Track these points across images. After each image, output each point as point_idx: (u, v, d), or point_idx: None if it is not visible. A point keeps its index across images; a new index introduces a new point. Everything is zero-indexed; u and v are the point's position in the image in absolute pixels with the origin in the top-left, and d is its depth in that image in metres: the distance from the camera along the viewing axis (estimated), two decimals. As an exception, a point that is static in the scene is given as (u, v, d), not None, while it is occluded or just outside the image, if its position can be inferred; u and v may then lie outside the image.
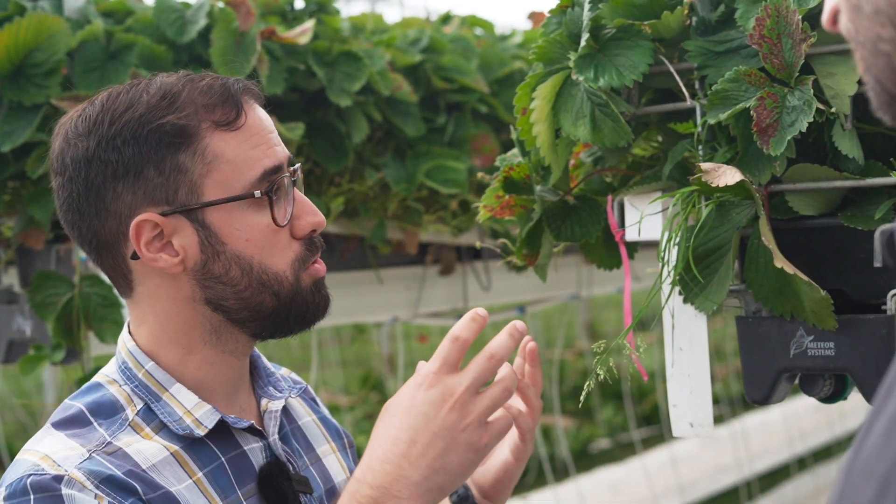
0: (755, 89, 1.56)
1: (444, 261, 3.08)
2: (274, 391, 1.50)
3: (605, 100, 1.66)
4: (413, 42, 2.80)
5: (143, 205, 1.33)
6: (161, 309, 1.38)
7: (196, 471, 1.34)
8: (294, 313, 1.39)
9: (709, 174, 1.55)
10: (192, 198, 1.33)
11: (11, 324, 2.37)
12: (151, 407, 1.36)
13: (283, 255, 1.37)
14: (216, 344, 1.39)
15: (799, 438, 6.58)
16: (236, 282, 1.35)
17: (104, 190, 1.33)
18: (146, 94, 1.34)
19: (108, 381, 1.39)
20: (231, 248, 1.34)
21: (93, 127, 1.34)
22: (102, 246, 1.37)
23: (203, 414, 1.37)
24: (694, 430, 1.70)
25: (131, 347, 1.40)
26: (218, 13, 2.36)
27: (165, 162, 1.32)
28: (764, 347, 1.65)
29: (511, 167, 1.81)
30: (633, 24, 1.67)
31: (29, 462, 1.28)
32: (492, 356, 1.24)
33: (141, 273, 1.37)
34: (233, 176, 1.34)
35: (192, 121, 1.33)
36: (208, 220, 1.34)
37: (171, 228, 1.33)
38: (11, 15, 2.25)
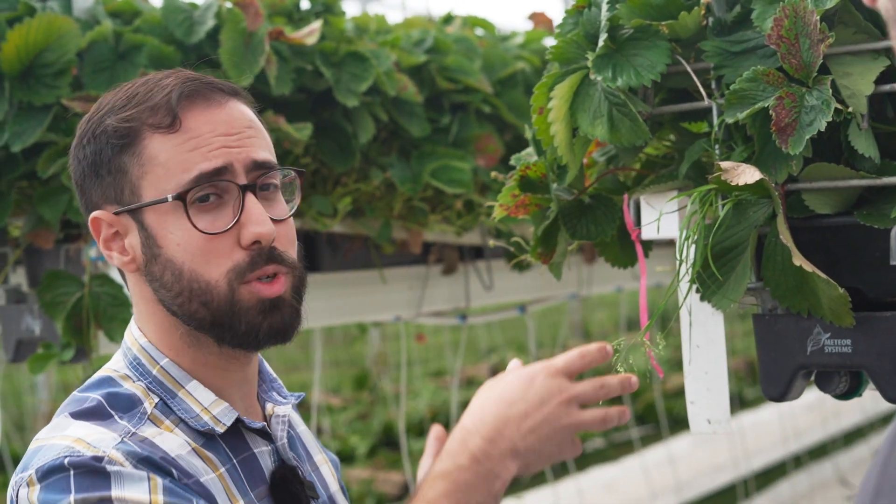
0: (773, 89, 1.58)
1: (446, 260, 3.09)
2: (277, 396, 1.49)
3: (623, 99, 1.67)
4: (417, 43, 2.81)
5: (101, 203, 1.36)
6: (143, 308, 1.39)
7: (218, 466, 1.34)
8: (228, 327, 1.33)
9: (728, 173, 1.56)
10: (133, 198, 1.34)
11: (20, 323, 2.37)
12: (168, 403, 1.35)
13: (219, 264, 1.32)
14: (199, 347, 1.37)
15: (794, 437, 6.61)
16: (170, 287, 1.33)
17: (82, 186, 1.38)
18: (120, 94, 1.37)
19: (120, 377, 1.36)
20: (165, 252, 1.33)
21: (80, 124, 1.40)
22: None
23: (220, 412, 1.36)
24: (711, 427, 1.71)
25: (144, 343, 1.38)
26: (226, 14, 2.36)
27: (112, 162, 1.34)
28: (781, 345, 1.66)
29: (527, 166, 1.82)
30: (650, 24, 1.68)
31: (60, 445, 1.26)
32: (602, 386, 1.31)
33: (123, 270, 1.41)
34: (164, 178, 1.32)
35: (135, 122, 1.33)
36: (147, 221, 1.34)
37: (124, 228, 1.36)
38: (21, 15, 2.25)
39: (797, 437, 6.70)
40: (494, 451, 1.24)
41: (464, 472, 1.23)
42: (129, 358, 1.39)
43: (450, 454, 1.25)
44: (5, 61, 2.18)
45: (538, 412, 1.26)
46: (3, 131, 2.20)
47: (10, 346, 2.40)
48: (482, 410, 1.27)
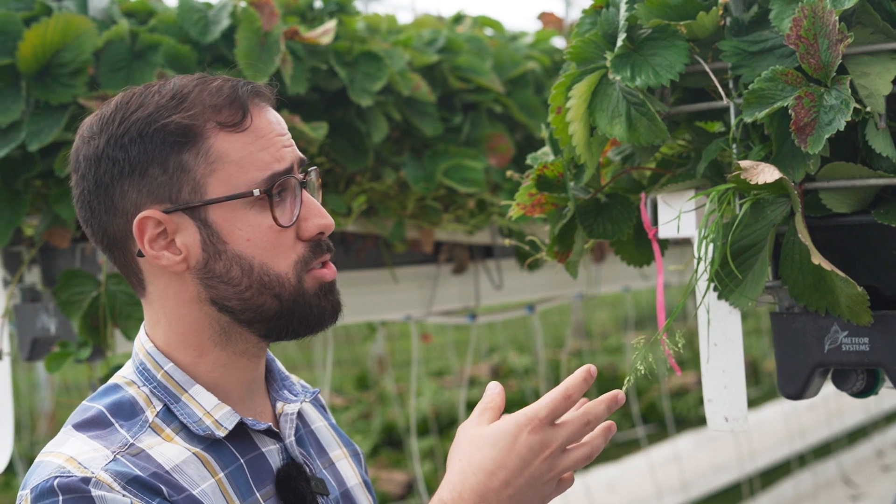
0: (792, 89, 1.59)
1: (456, 259, 3.10)
2: (288, 395, 1.51)
3: (642, 99, 1.68)
4: (429, 42, 2.82)
5: (147, 203, 1.35)
6: (170, 309, 1.39)
7: (218, 471, 1.35)
8: (298, 317, 1.39)
9: (747, 172, 1.57)
10: (194, 196, 1.35)
11: (35, 322, 2.38)
12: (171, 408, 1.37)
13: (286, 257, 1.37)
14: (226, 345, 1.40)
15: (799, 435, 6.62)
16: (237, 282, 1.36)
17: (112, 188, 1.35)
18: (158, 95, 1.37)
19: (126, 383, 1.39)
20: (232, 248, 1.35)
21: (104, 125, 1.36)
22: (113, 244, 1.39)
23: (223, 415, 1.38)
24: (729, 424, 1.72)
25: (149, 349, 1.40)
26: (241, 13, 2.37)
27: (169, 160, 1.34)
28: (798, 343, 1.67)
29: (545, 165, 1.83)
30: (668, 24, 1.69)
31: (53, 464, 1.29)
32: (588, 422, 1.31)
33: (150, 272, 1.39)
34: (237, 176, 1.35)
35: (198, 121, 1.35)
36: (210, 218, 1.35)
37: (174, 226, 1.35)
38: (38, 15, 2.26)
39: (802, 435, 6.72)
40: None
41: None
42: (137, 363, 1.41)
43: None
44: (22, 61, 2.19)
45: (520, 477, 1.28)
46: (20, 130, 2.21)
47: (25, 344, 2.41)
48: (462, 483, 1.28)
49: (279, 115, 1.42)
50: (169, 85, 1.38)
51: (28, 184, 2.29)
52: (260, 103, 1.39)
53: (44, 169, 2.27)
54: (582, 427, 1.30)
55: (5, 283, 2.45)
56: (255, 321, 1.38)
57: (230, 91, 1.36)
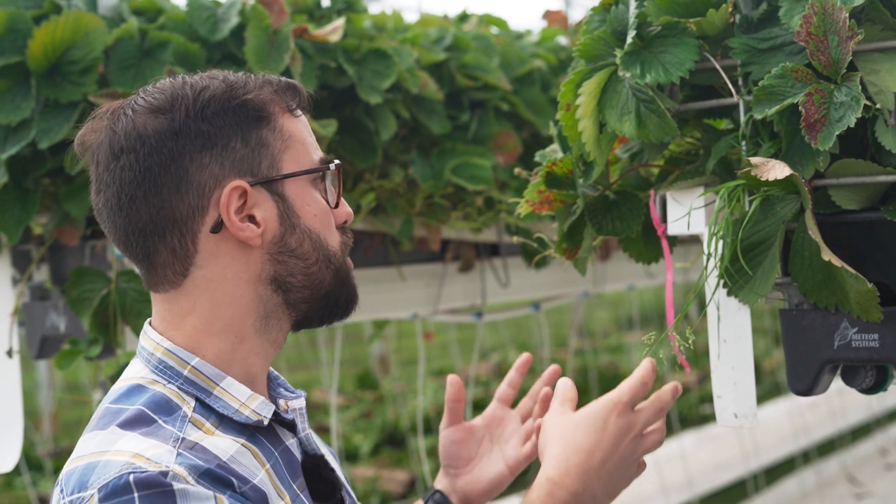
0: (802, 85, 1.59)
1: (463, 258, 3.11)
2: (286, 392, 1.52)
3: (651, 96, 1.69)
4: (437, 40, 2.83)
5: (230, 175, 1.36)
6: (223, 292, 1.37)
7: (265, 461, 1.35)
8: (344, 295, 1.45)
9: (758, 168, 1.58)
10: (272, 171, 1.39)
11: (45, 320, 2.38)
12: (205, 402, 1.35)
13: (335, 236, 1.45)
14: (263, 332, 1.41)
15: (803, 433, 6.63)
16: (307, 255, 1.40)
17: (189, 161, 1.34)
18: (215, 80, 1.39)
19: (149, 382, 1.36)
20: (304, 222, 1.40)
21: (174, 101, 1.36)
22: (171, 223, 1.35)
23: (258, 405, 1.38)
24: (738, 421, 1.73)
25: (168, 346, 1.37)
26: (250, 11, 2.37)
27: (251, 134, 1.37)
28: (808, 339, 1.68)
29: (553, 162, 1.84)
30: (678, 21, 1.70)
31: (119, 461, 1.23)
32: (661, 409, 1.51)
33: (209, 252, 1.36)
34: (304, 154, 1.42)
35: (270, 100, 1.40)
36: (286, 192, 1.39)
37: (254, 200, 1.37)
38: (47, 13, 2.26)
39: (805, 433, 6.73)
40: (578, 502, 1.40)
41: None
42: (154, 363, 1.38)
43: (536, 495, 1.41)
44: (32, 58, 2.20)
45: (615, 455, 1.43)
46: (30, 128, 2.22)
47: (34, 342, 2.42)
48: (566, 461, 1.42)
49: None
50: (219, 75, 1.41)
51: (37, 182, 2.30)
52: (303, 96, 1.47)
53: (53, 167, 2.27)
54: (656, 413, 1.48)
55: (14, 282, 2.46)
56: (306, 301, 1.42)
57: (283, 81, 1.43)
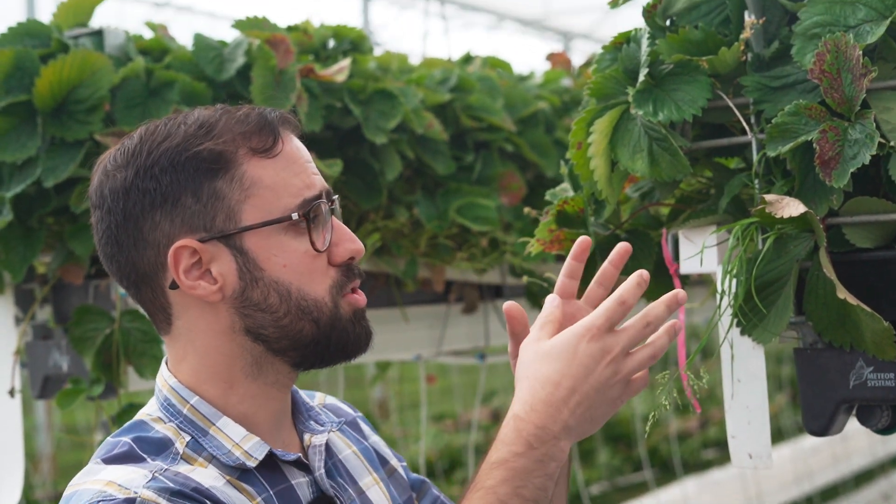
0: (815, 123, 1.59)
1: (467, 299, 3.09)
2: (315, 425, 1.49)
3: (664, 134, 1.68)
4: (441, 81, 2.83)
5: (180, 233, 1.33)
6: (201, 343, 1.37)
7: (255, 496, 1.33)
8: (334, 342, 1.37)
9: (773, 205, 1.57)
10: (229, 224, 1.33)
11: (47, 359, 2.36)
12: (199, 441, 1.35)
13: (322, 282, 1.36)
14: (257, 376, 1.38)
15: (807, 477, 6.60)
16: (275, 309, 1.34)
17: (142, 220, 1.33)
18: (184, 125, 1.35)
19: (152, 420, 1.37)
20: (269, 275, 1.34)
21: (131, 158, 1.34)
22: (141, 279, 1.36)
23: (252, 446, 1.36)
24: (753, 462, 1.71)
25: (173, 384, 1.38)
26: (256, 51, 2.37)
27: (202, 188, 1.32)
28: (823, 379, 1.66)
29: (565, 201, 1.83)
30: (690, 59, 1.70)
31: (91, 490, 1.26)
32: (648, 323, 1.35)
33: (180, 305, 1.36)
34: (271, 202, 1.34)
35: (230, 147, 1.33)
36: (246, 245, 1.33)
37: (209, 256, 1.33)
38: (54, 52, 2.26)
39: (809, 478, 6.69)
40: (547, 435, 1.30)
41: (520, 459, 1.29)
42: (161, 400, 1.39)
43: (504, 443, 1.31)
44: (38, 97, 2.20)
45: (585, 384, 1.32)
46: (35, 167, 2.21)
47: (36, 382, 2.40)
48: (532, 395, 1.32)
49: (302, 144, 1.42)
50: (193, 116, 1.36)
51: (42, 220, 2.29)
52: (286, 130, 1.39)
53: (59, 205, 2.26)
54: (642, 329, 1.34)
55: (17, 321, 2.44)
56: (290, 349, 1.37)
57: (258, 118, 1.36)
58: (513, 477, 1.28)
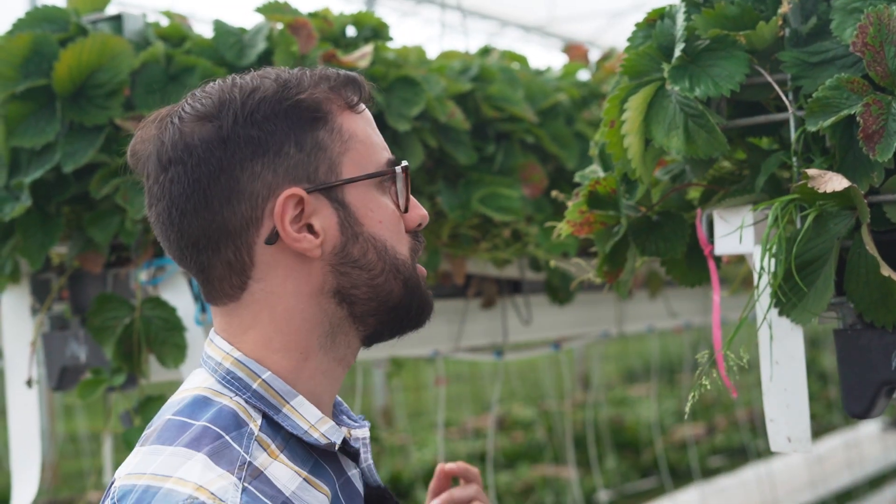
0: (857, 97, 1.56)
1: (485, 294, 3.06)
2: (348, 420, 1.42)
3: (701, 110, 1.65)
4: (462, 71, 2.80)
5: (284, 183, 1.26)
6: (283, 307, 1.29)
7: (328, 492, 1.27)
8: (416, 305, 1.33)
9: (815, 180, 1.54)
10: (331, 175, 1.28)
11: (65, 350, 2.33)
12: (273, 419, 1.27)
13: (405, 243, 1.33)
14: (330, 349, 1.31)
15: (821, 482, 6.55)
16: (372, 265, 1.29)
17: (240, 170, 1.26)
18: (268, 79, 1.29)
19: (215, 394, 1.27)
20: (367, 230, 1.29)
21: (222, 107, 1.26)
22: (224, 237, 1.27)
23: (328, 430, 1.29)
24: (792, 445, 1.67)
25: (238, 357, 1.29)
26: (277, 37, 2.34)
27: (306, 138, 1.27)
28: (864, 360, 1.63)
29: (597, 181, 1.79)
30: (727, 34, 1.67)
31: (181, 493, 1.17)
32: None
33: (267, 264, 1.28)
34: (366, 156, 1.30)
35: (326, 98, 1.29)
36: (347, 199, 1.28)
37: (312, 208, 1.27)
38: (73, 36, 2.23)
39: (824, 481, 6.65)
40: None
41: None
42: (221, 373, 1.30)
43: None
44: (57, 81, 2.16)
45: None
46: (54, 152, 2.18)
47: (53, 373, 2.36)
48: None
49: None
50: (271, 73, 1.30)
51: (60, 207, 2.26)
52: (365, 90, 1.35)
53: (78, 191, 2.23)
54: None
55: (34, 311, 2.40)
56: (373, 313, 1.31)
57: (341, 75, 1.32)
58: None
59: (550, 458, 8.35)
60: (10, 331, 2.42)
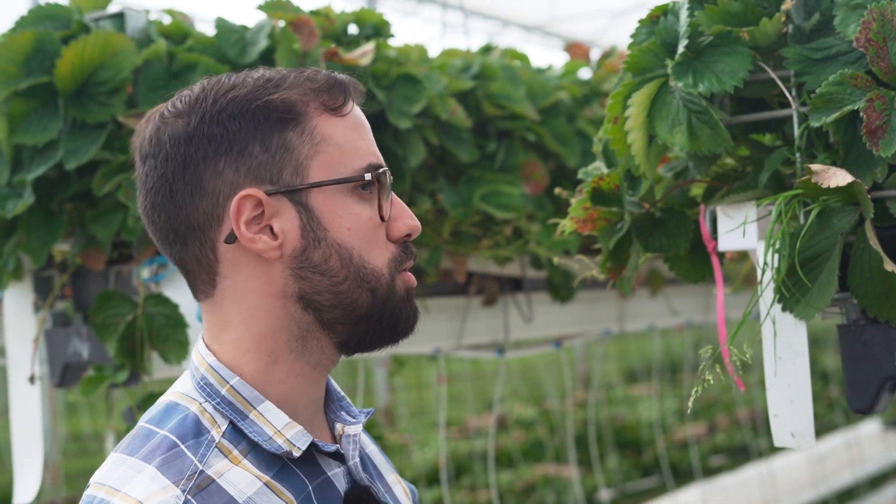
0: (861, 92, 1.56)
1: (487, 291, 3.06)
2: (346, 416, 1.41)
3: (705, 106, 1.65)
4: (464, 69, 2.80)
5: (245, 183, 1.26)
6: (248, 306, 1.29)
7: (293, 499, 1.27)
8: (387, 318, 1.31)
9: (819, 175, 1.54)
10: (296, 178, 1.26)
11: (67, 347, 2.33)
12: (238, 425, 1.28)
13: (382, 253, 1.30)
14: (302, 353, 1.31)
15: (822, 481, 6.55)
16: (335, 272, 1.27)
17: (203, 167, 1.26)
18: (251, 78, 1.29)
19: (186, 400, 1.29)
20: (332, 236, 1.27)
21: (194, 104, 1.27)
22: (190, 231, 1.29)
23: (294, 435, 1.29)
24: (795, 441, 1.67)
25: (212, 362, 1.30)
26: (279, 34, 2.34)
27: (272, 138, 1.26)
28: (867, 355, 1.63)
29: (600, 177, 1.79)
30: (731, 30, 1.67)
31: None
32: None
33: (230, 262, 1.29)
34: (340, 160, 1.28)
35: (302, 99, 1.28)
36: (312, 203, 1.27)
37: (273, 209, 1.26)
38: (76, 33, 2.23)
39: (826, 480, 6.65)
40: None
41: None
42: (197, 378, 1.31)
43: None
44: (60, 79, 2.16)
45: None
46: (57, 149, 2.18)
47: (56, 370, 2.36)
48: None
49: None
50: (258, 72, 1.31)
51: (62, 204, 2.26)
52: (360, 95, 1.34)
53: (80, 189, 2.23)
54: None
55: (36, 308, 2.40)
56: (341, 321, 1.29)
57: (327, 77, 1.30)
58: None
59: (552, 458, 8.34)
60: (12, 328, 2.42)
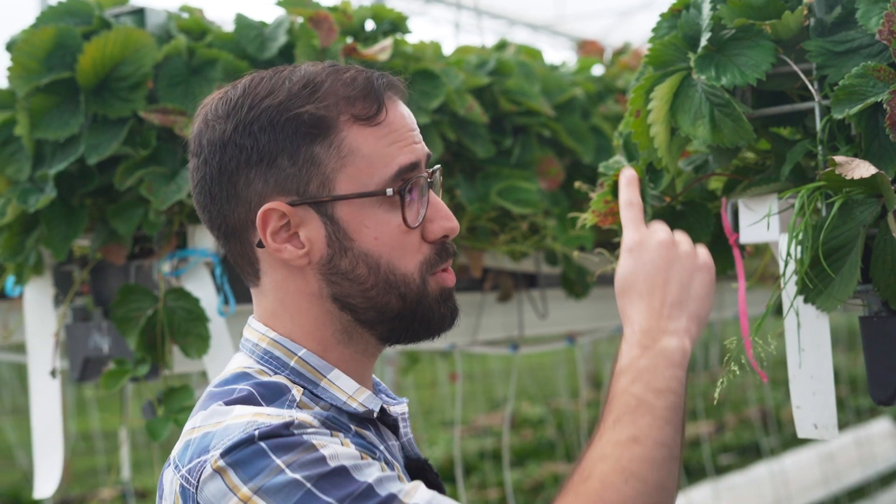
0: (884, 85, 1.56)
1: (502, 287, 3.06)
2: (387, 398, 1.47)
3: (727, 99, 1.65)
4: (480, 64, 2.81)
5: (273, 193, 1.30)
6: (291, 303, 1.35)
7: (378, 444, 1.32)
8: (419, 318, 1.35)
9: (842, 167, 1.55)
10: (322, 190, 1.30)
11: (87, 341, 2.34)
12: (313, 392, 1.32)
13: (412, 257, 1.33)
14: (349, 343, 1.36)
15: (834, 478, 6.55)
16: (363, 279, 1.32)
17: (236, 175, 1.31)
18: (289, 82, 1.32)
19: (256, 372, 1.33)
20: (359, 246, 1.31)
21: (231, 111, 1.31)
22: (231, 232, 1.35)
23: (366, 399, 1.34)
24: (818, 432, 1.68)
25: (274, 336, 1.34)
26: (298, 30, 2.35)
27: (300, 152, 1.30)
28: (889, 347, 1.63)
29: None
30: (753, 23, 1.67)
31: (241, 422, 1.21)
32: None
33: (267, 263, 1.35)
34: (367, 172, 1.31)
35: (332, 112, 1.30)
36: (337, 214, 1.31)
37: (298, 220, 1.31)
38: (97, 29, 2.24)
39: (837, 477, 6.64)
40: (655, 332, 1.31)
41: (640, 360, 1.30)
42: (259, 353, 1.35)
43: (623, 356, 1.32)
44: (81, 74, 2.17)
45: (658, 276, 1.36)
46: (78, 144, 2.19)
47: (76, 364, 2.37)
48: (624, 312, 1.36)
49: (408, 109, 1.38)
50: (299, 72, 1.33)
51: (83, 199, 2.27)
52: (393, 96, 1.36)
53: (101, 184, 2.24)
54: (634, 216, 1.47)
55: (57, 303, 2.42)
56: (377, 322, 1.34)
57: (365, 82, 1.32)
58: (639, 375, 1.28)
59: (561, 456, 8.35)
60: (33, 322, 2.43)
